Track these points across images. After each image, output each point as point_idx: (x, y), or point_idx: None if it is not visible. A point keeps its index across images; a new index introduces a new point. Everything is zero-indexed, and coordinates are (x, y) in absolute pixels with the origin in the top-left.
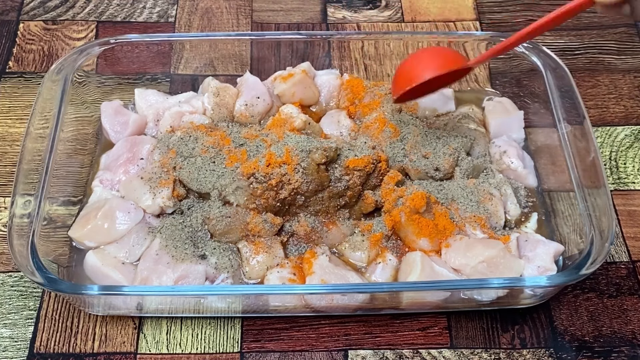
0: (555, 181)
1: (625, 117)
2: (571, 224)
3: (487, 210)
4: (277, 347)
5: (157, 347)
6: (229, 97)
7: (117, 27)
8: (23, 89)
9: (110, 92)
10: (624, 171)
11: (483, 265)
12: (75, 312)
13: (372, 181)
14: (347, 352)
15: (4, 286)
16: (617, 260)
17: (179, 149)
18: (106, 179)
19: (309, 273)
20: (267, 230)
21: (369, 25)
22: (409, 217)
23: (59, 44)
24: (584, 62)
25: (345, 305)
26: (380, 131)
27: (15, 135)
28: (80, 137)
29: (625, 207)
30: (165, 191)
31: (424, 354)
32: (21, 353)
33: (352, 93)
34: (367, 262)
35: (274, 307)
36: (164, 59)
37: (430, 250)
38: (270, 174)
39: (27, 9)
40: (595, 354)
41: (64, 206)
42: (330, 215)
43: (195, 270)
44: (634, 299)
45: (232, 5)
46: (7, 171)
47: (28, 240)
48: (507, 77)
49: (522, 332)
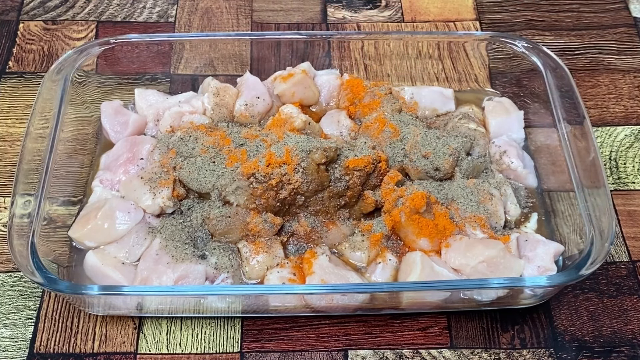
0: (555, 181)
1: (625, 117)
2: (571, 224)
3: (487, 210)
4: (277, 347)
5: (157, 347)
6: (229, 97)
7: (117, 27)
8: (23, 89)
9: (110, 92)
10: (624, 171)
11: (483, 265)
12: (75, 312)
13: (372, 181)
14: (347, 352)
15: (4, 286)
16: (617, 260)
17: (179, 149)
18: (106, 179)
19: (309, 273)
20: (267, 230)
21: (369, 25)
22: (409, 217)
23: (59, 44)
24: (584, 62)
25: (345, 305)
26: (380, 131)
27: (15, 135)
28: (80, 137)
29: (625, 207)
30: (165, 191)
31: (424, 354)
32: (21, 353)
33: (352, 93)
34: (367, 262)
35: (274, 307)
36: (164, 59)
37: (430, 250)
38: (270, 174)
39: (27, 9)
40: (595, 354)
41: (64, 206)
42: (330, 215)
43: (195, 270)
44: (634, 299)
45: (232, 5)
46: (7, 171)
47: (28, 240)
48: (507, 77)
49: (522, 332)
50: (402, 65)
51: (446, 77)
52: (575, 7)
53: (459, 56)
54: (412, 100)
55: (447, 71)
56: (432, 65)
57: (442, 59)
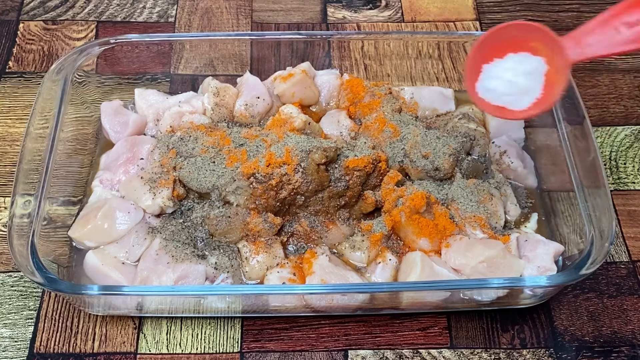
0: (555, 181)
1: (625, 117)
2: (571, 224)
3: (487, 210)
4: (277, 347)
5: (157, 347)
6: (229, 97)
7: (117, 27)
8: (23, 89)
9: (110, 92)
10: (624, 171)
11: (483, 265)
12: (75, 312)
13: (372, 181)
14: (347, 352)
15: (4, 286)
16: (617, 260)
17: (179, 149)
18: (106, 179)
19: (309, 273)
20: (267, 230)
21: (369, 25)
22: (409, 217)
23: (59, 44)
24: (584, 62)
25: (345, 305)
26: (380, 131)
27: (15, 135)
28: (80, 137)
29: (625, 207)
30: (165, 191)
31: (424, 354)
32: (21, 353)
33: (352, 93)
34: (367, 262)
35: (274, 307)
36: (164, 59)
37: (430, 250)
38: (270, 174)
39: (27, 9)
40: (595, 354)
41: (64, 206)
42: (330, 215)
43: (195, 270)
44: (634, 299)
45: (232, 5)
46: (7, 171)
47: (28, 240)
48: None
49: (522, 332)
50: (402, 65)
51: (446, 77)
52: (575, 7)
53: (459, 56)
54: (412, 100)
55: (447, 71)
56: (432, 65)
57: (442, 59)
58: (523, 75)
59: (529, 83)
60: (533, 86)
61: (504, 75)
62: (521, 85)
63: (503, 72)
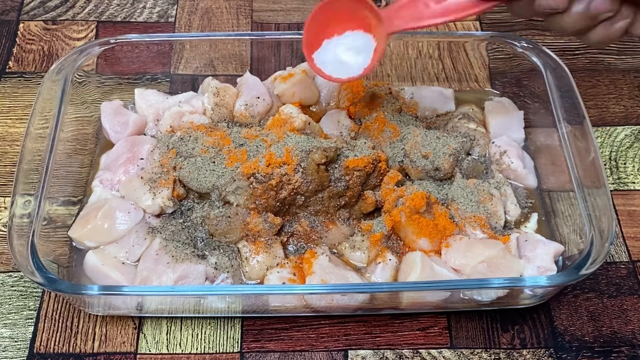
0: (555, 181)
1: (625, 117)
2: (571, 224)
3: (487, 210)
4: (277, 347)
5: (157, 347)
6: (229, 97)
7: (117, 27)
8: (23, 89)
9: (110, 92)
10: (624, 171)
11: (483, 265)
12: (75, 312)
13: (372, 181)
14: (347, 352)
15: (4, 286)
16: (617, 260)
17: (179, 149)
18: (106, 179)
19: (309, 273)
20: (267, 230)
21: None
22: (409, 217)
23: (59, 44)
24: (584, 62)
25: (345, 305)
26: (380, 131)
27: (15, 135)
28: (80, 137)
29: (625, 207)
30: (165, 191)
31: (424, 354)
32: (21, 353)
33: (352, 93)
34: (367, 262)
35: (274, 307)
36: (164, 59)
37: (430, 250)
38: (270, 174)
39: (27, 9)
40: (595, 354)
41: (64, 206)
42: (330, 215)
43: (195, 270)
44: (634, 299)
45: (232, 5)
46: (7, 171)
47: (28, 240)
48: (507, 77)
49: (522, 332)
50: (402, 65)
51: (446, 77)
52: None
53: (459, 56)
54: (412, 100)
55: (447, 71)
56: (432, 65)
57: (442, 59)
58: (354, 51)
59: (358, 59)
60: (363, 61)
61: (336, 51)
62: (351, 62)
63: (337, 48)
